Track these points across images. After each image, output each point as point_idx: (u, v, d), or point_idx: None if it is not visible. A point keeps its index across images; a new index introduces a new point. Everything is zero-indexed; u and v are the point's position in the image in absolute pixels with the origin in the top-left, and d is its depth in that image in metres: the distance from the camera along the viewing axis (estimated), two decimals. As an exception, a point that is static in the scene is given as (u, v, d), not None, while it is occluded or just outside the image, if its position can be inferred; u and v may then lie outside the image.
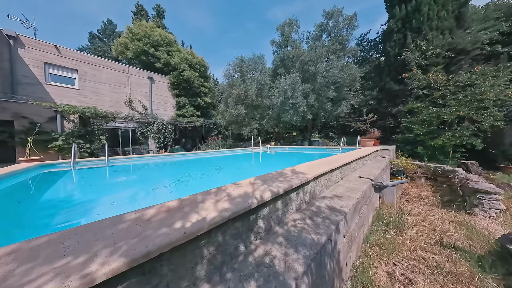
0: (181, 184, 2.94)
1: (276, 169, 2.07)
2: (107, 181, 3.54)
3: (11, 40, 7.89)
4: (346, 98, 11.27)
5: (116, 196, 2.60)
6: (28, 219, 1.85)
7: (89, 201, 2.46)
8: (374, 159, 5.02)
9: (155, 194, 2.60)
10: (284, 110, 9.72)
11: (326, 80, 10.45)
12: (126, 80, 11.65)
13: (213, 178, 3.49)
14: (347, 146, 8.53)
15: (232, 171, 4.58)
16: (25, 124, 6.83)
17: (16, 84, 8.03)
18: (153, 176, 4.04)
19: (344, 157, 3.27)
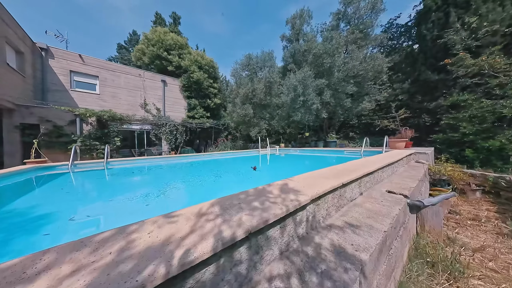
0: (162, 196, 2.56)
1: (281, 175, 1.48)
2: (93, 187, 3.38)
3: (43, 52, 8.84)
4: (370, 93, 9.83)
5: (88, 208, 2.32)
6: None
7: (49, 214, 2.22)
8: (407, 165, 3.97)
9: (126, 209, 2.24)
10: (294, 109, 8.90)
11: (344, 73, 9.26)
12: (141, 84, 12.25)
13: (204, 188, 3.04)
14: (370, 148, 7.31)
15: (228, 177, 4.10)
16: (49, 127, 7.48)
17: (46, 91, 8.97)
18: (143, 182, 3.80)
19: (366, 163, 2.49)
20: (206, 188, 3.01)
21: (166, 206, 2.37)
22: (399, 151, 4.62)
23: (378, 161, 2.64)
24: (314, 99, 8.78)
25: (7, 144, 6.82)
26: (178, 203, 2.56)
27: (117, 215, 2.07)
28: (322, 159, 6.96)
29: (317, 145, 11.96)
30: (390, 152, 4.47)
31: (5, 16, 6.47)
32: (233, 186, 3.26)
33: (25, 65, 7.87)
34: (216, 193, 2.86)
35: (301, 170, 1.71)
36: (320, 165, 6.04)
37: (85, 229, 1.84)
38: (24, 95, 7.74)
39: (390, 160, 2.94)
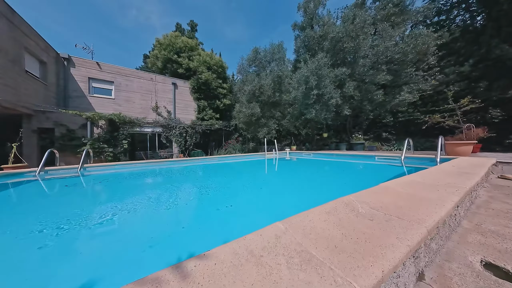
0: (122, 217, 1.76)
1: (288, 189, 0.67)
2: (42, 201, 2.83)
3: (65, 61, 9.60)
4: (411, 82, 7.64)
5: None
6: None
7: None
8: (489, 185, 2.33)
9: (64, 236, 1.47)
10: (306, 105, 7.47)
11: (373, 59, 7.40)
12: (153, 87, 12.51)
13: (180, 208, 2.15)
14: (414, 154, 5.40)
15: (217, 193, 3.15)
16: (62, 131, 7.88)
17: (67, 97, 9.70)
18: (108, 195, 3.14)
19: (417, 189, 1.20)
20: (184, 208, 2.09)
21: (120, 232, 1.57)
22: (470, 161, 2.91)
23: (442, 182, 1.29)
24: (332, 93, 7.20)
25: (25, 147, 7.35)
26: (141, 227, 1.69)
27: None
28: (341, 166, 5.40)
29: (339, 147, 10.11)
30: (455, 162, 2.82)
31: (25, 29, 7.01)
32: (223, 202, 2.27)
33: (47, 74, 8.56)
34: (198, 219, 1.90)
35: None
36: (336, 175, 4.59)
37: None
38: (46, 102, 8.38)
39: (468, 184, 1.50)
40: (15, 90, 6.50)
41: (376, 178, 3.84)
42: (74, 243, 1.40)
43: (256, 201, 2.44)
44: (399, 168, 4.14)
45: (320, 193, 2.97)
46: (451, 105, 5.50)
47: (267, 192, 2.84)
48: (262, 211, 2.04)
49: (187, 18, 70.16)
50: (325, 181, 3.73)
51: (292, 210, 1.24)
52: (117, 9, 65.18)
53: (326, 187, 3.22)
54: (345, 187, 3.13)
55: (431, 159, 3.98)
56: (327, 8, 8.74)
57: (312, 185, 3.47)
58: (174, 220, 1.85)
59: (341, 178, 3.89)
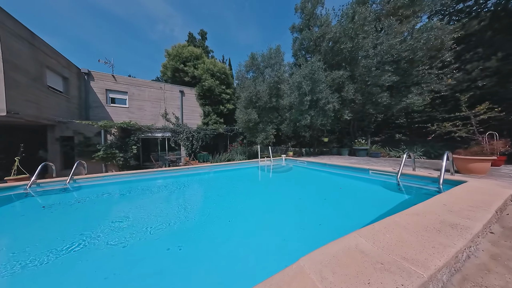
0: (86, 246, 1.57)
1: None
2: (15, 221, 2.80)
3: (85, 76, 10.24)
4: (422, 82, 6.43)
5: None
6: None
7: None
8: (502, 231, 1.57)
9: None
10: (301, 111, 6.77)
11: (376, 59, 6.38)
12: (162, 95, 12.81)
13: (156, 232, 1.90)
14: (419, 171, 4.47)
15: (200, 210, 2.85)
16: (80, 139, 8.38)
17: (88, 108, 10.36)
18: (76, 217, 3.04)
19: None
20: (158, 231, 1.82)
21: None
22: (480, 189, 2.09)
23: (426, 236, 0.76)
24: (329, 97, 6.39)
25: (50, 153, 7.96)
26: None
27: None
28: (330, 180, 4.69)
29: (340, 152, 9.16)
30: (458, 191, 2.06)
31: (46, 49, 7.53)
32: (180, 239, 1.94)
33: (70, 88, 9.19)
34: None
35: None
36: (322, 191, 3.90)
37: None
38: (69, 113, 9.01)
39: (460, 242, 0.91)
40: (37, 104, 7.01)
41: (363, 199, 3.13)
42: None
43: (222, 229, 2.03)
44: (392, 188, 3.35)
45: (297, 216, 2.45)
46: (465, 112, 4.35)
47: (238, 215, 2.41)
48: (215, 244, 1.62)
49: (204, 27, 72.08)
50: (308, 199, 3.15)
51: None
52: (148, 24, 70.76)
53: (307, 208, 2.67)
54: (324, 210, 2.54)
55: (434, 179, 3.11)
56: (326, 7, 7.82)
57: (292, 202, 2.94)
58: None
59: (325, 195, 3.27)
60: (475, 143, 3.96)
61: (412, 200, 2.76)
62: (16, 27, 6.09)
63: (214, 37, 59.95)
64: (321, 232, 2.03)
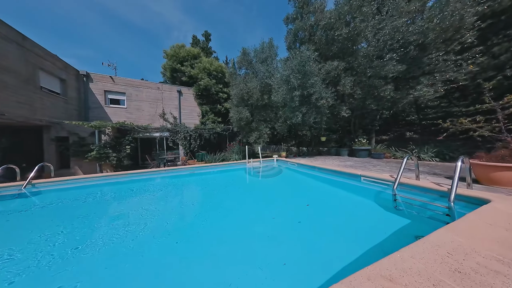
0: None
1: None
2: None
3: (84, 77, 10.23)
4: (435, 71, 5.30)
5: None
6: None
7: None
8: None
9: None
10: (292, 108, 5.96)
11: (377, 46, 5.37)
12: (160, 96, 12.58)
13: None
14: (417, 181, 3.53)
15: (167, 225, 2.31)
16: (75, 139, 8.29)
17: (87, 109, 10.36)
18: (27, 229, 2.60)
19: None
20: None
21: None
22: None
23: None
24: (322, 92, 5.52)
25: (46, 153, 7.95)
26: None
27: None
28: (313, 188, 3.89)
29: (339, 153, 8.18)
30: (484, 218, 1.23)
31: (39, 51, 7.46)
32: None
33: (68, 90, 9.18)
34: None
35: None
36: (306, 198, 3.13)
37: None
38: (66, 114, 9.01)
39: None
40: (30, 106, 6.94)
41: (346, 217, 2.34)
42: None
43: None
44: (386, 203, 2.51)
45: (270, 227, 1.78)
46: (488, 104, 3.27)
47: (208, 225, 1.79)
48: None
49: (214, 31, 72.92)
50: (283, 215, 2.43)
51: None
52: (164, 32, 74.37)
53: (277, 230, 1.97)
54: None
55: (443, 194, 2.22)
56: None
57: (263, 217, 2.23)
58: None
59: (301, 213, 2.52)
60: (501, 144, 2.94)
61: (409, 227, 1.93)
62: (1, 29, 5.97)
63: (223, 40, 60.55)
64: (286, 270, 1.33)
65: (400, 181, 2.67)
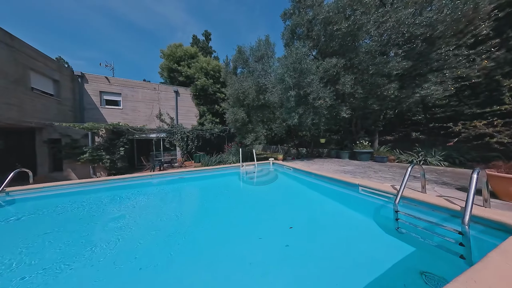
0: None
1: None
2: None
3: (79, 78, 10.08)
4: (444, 68, 4.82)
5: None
6: None
7: None
8: None
9: None
10: (288, 109, 5.58)
11: (381, 41, 4.93)
12: (157, 96, 12.37)
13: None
14: (423, 196, 3.12)
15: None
16: (67, 141, 8.13)
17: (83, 110, 10.22)
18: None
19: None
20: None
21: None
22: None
23: None
24: (319, 91, 5.12)
25: (38, 156, 7.81)
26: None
27: None
28: (307, 198, 3.52)
29: (340, 155, 7.76)
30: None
31: (30, 52, 7.29)
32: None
33: (61, 91, 9.04)
34: None
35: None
36: (300, 210, 2.88)
37: None
38: (60, 115, 8.86)
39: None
40: (19, 108, 6.78)
41: (339, 236, 1.96)
42: None
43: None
44: (386, 221, 2.11)
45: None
46: (509, 105, 2.81)
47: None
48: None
49: (217, 31, 72.82)
50: (278, 224, 2.08)
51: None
52: (168, 33, 75.68)
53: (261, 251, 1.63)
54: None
55: (455, 213, 1.82)
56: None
57: (251, 232, 1.86)
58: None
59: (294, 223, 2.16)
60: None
61: (413, 258, 1.54)
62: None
63: (227, 39, 60.61)
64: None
65: (403, 194, 2.28)
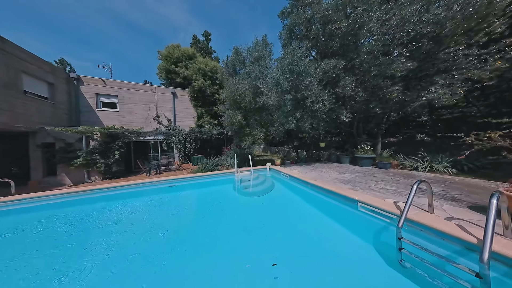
0: None
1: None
2: None
3: (75, 81, 9.95)
4: (453, 69, 4.46)
5: None
6: None
7: None
8: None
9: None
10: (284, 113, 5.29)
11: (384, 41, 4.60)
12: (154, 98, 12.20)
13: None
14: (433, 220, 2.79)
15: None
16: (61, 145, 7.98)
17: (79, 113, 10.09)
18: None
19: None
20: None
21: None
22: None
23: None
24: (318, 95, 4.81)
25: (32, 160, 7.68)
26: None
27: None
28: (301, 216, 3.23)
29: (340, 160, 7.44)
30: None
31: (22, 54, 7.15)
32: None
33: (56, 93, 8.91)
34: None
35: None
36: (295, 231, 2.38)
37: None
38: (55, 118, 8.73)
39: None
40: (11, 112, 6.64)
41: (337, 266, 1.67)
42: None
43: None
44: (389, 253, 1.80)
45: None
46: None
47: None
48: None
49: (219, 31, 73.00)
50: (269, 247, 1.81)
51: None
52: (171, 33, 76.72)
53: None
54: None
55: (469, 245, 1.51)
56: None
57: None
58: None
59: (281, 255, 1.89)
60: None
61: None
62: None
63: (229, 39, 60.71)
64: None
65: (408, 216, 1.98)
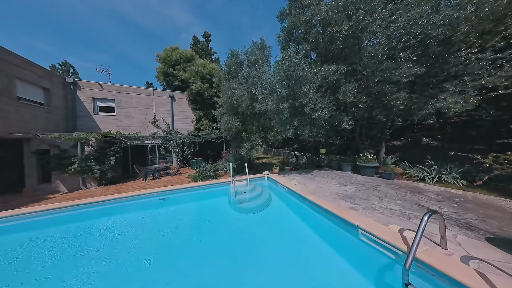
0: None
1: None
2: None
3: (72, 85, 9.84)
4: (465, 74, 4.08)
5: None
6: None
7: None
8: None
9: None
10: (281, 121, 5.00)
11: (389, 44, 4.27)
12: (151, 101, 12.04)
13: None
14: (444, 269, 2.44)
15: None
16: (56, 151, 7.85)
17: (75, 117, 9.99)
18: None
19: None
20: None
21: None
22: None
23: None
24: (317, 102, 4.51)
25: (27, 167, 7.57)
26: None
27: None
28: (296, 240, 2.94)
29: (342, 167, 7.11)
30: None
31: (15, 60, 7.03)
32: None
33: (52, 99, 8.80)
34: None
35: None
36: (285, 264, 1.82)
37: None
38: (50, 124, 8.63)
39: None
40: (4, 119, 6.53)
41: None
42: None
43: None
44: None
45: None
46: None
47: None
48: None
49: (220, 32, 72.90)
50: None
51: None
52: (173, 34, 77.33)
53: None
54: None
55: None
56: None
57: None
58: None
59: None
60: None
61: None
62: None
63: (231, 40, 60.60)
64: None
65: (416, 255, 1.68)
